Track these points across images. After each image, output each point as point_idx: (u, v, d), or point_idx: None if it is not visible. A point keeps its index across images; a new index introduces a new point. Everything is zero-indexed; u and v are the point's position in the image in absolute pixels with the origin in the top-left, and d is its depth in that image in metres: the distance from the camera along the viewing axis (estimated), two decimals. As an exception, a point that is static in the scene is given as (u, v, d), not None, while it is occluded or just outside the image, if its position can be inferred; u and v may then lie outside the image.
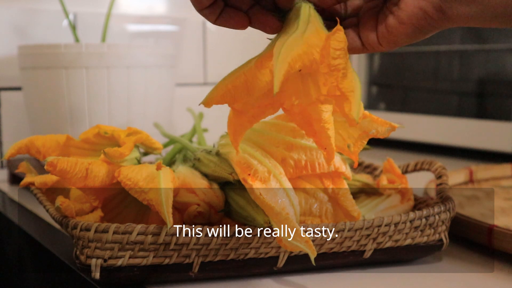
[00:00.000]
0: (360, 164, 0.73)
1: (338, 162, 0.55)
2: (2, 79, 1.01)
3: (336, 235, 0.51)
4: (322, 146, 0.45)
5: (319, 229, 0.51)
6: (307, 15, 0.44)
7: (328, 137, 0.44)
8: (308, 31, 0.43)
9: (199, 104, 0.43)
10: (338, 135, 0.54)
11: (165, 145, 0.69)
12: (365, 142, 0.53)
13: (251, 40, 1.27)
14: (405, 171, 0.66)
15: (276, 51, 0.41)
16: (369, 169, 0.72)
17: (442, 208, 0.55)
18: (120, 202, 0.55)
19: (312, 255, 0.45)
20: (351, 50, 0.47)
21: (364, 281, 0.52)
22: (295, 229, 0.45)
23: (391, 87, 1.30)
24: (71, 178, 0.49)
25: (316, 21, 0.44)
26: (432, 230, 0.55)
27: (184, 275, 0.49)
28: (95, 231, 0.47)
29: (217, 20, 0.45)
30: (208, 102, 0.43)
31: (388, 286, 0.51)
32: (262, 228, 0.49)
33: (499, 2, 0.40)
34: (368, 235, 0.52)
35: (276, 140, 0.53)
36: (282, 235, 0.46)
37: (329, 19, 0.48)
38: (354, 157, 0.54)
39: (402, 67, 1.28)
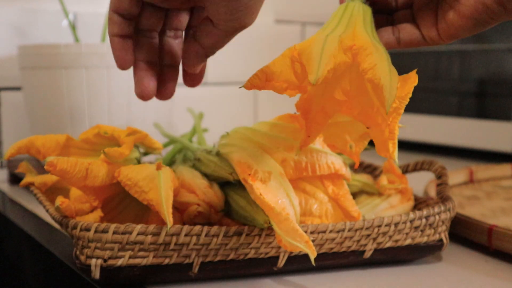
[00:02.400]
0: (360, 164, 0.73)
1: (339, 165, 0.55)
2: (2, 79, 1.01)
3: (336, 235, 0.51)
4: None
5: (319, 229, 0.51)
6: (349, 15, 0.45)
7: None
8: (345, 33, 0.44)
9: (240, 88, 0.43)
10: (339, 136, 0.54)
11: (165, 145, 0.69)
12: (366, 143, 0.53)
13: (251, 40, 1.27)
14: (405, 171, 0.66)
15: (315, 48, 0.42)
16: (369, 169, 0.72)
17: (442, 208, 0.55)
18: (120, 202, 0.55)
19: (312, 255, 0.45)
20: (412, 43, 0.47)
21: (364, 281, 0.52)
22: (295, 229, 0.45)
23: (391, 87, 1.29)
24: (71, 178, 0.49)
25: (359, 21, 0.44)
26: (432, 230, 0.55)
27: (184, 275, 0.49)
28: (95, 231, 0.47)
29: None
30: (247, 85, 0.43)
31: (388, 286, 0.51)
32: (262, 228, 0.49)
33: None
34: (368, 235, 0.52)
35: (276, 140, 0.53)
36: (282, 235, 0.46)
37: (381, 12, 0.48)
38: (355, 158, 0.54)
39: (402, 67, 1.28)
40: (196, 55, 0.44)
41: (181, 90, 1.19)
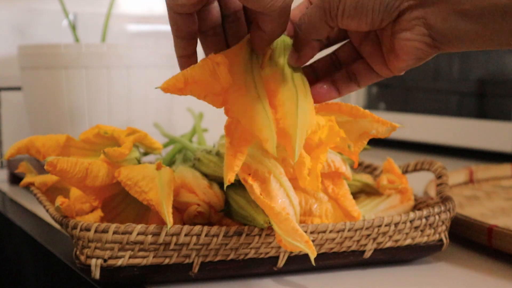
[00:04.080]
0: (360, 164, 0.73)
1: (339, 163, 0.55)
2: (2, 79, 1.01)
3: (336, 235, 0.51)
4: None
5: (319, 229, 0.51)
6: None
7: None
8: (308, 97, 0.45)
9: (156, 88, 0.43)
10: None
11: (165, 145, 0.69)
12: (366, 142, 0.53)
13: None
14: (405, 171, 0.66)
15: (290, 114, 0.43)
16: (369, 169, 0.72)
17: (442, 208, 0.55)
18: (120, 202, 0.55)
19: (312, 255, 0.45)
20: (370, 82, 0.48)
21: (364, 281, 0.52)
22: (295, 229, 0.45)
23: (391, 87, 1.30)
24: (71, 178, 0.49)
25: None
26: (432, 230, 0.55)
27: (184, 275, 0.49)
28: (95, 231, 0.47)
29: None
30: (164, 86, 0.43)
31: (388, 286, 0.51)
32: (262, 228, 0.49)
33: (487, 39, 0.40)
34: (368, 235, 0.52)
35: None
36: (282, 235, 0.46)
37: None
38: (354, 157, 0.54)
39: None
40: (261, 40, 0.45)
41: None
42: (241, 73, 0.44)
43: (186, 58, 0.45)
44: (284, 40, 0.47)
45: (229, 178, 0.43)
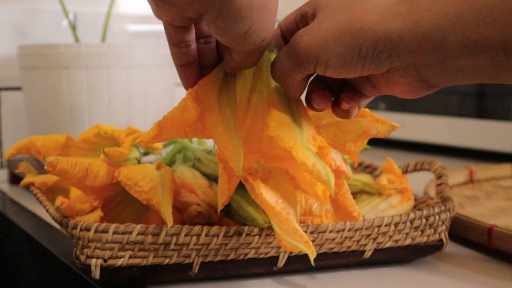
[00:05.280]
0: (360, 164, 0.73)
1: (339, 161, 0.55)
2: (2, 79, 1.01)
3: (336, 235, 0.51)
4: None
5: (319, 229, 0.51)
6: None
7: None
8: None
9: (131, 144, 0.44)
10: (338, 135, 0.54)
11: (165, 145, 0.69)
12: (366, 142, 0.53)
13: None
14: (405, 171, 0.66)
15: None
16: (369, 169, 0.72)
17: (442, 208, 0.55)
18: (120, 202, 0.55)
19: (312, 256, 0.45)
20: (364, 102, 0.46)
21: (364, 281, 0.52)
22: (295, 229, 0.45)
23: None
24: (71, 178, 0.49)
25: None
26: (432, 230, 0.55)
27: (184, 275, 0.49)
28: (95, 231, 0.47)
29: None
30: (139, 141, 0.44)
31: (388, 286, 0.51)
32: (262, 228, 0.49)
33: (479, 72, 0.40)
34: (368, 235, 0.52)
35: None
36: (282, 235, 0.46)
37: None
38: (355, 157, 0.54)
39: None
40: (229, 65, 0.44)
41: (181, 90, 1.19)
42: (215, 95, 0.44)
43: (182, 67, 0.45)
44: (271, 58, 0.46)
45: (223, 202, 0.47)
